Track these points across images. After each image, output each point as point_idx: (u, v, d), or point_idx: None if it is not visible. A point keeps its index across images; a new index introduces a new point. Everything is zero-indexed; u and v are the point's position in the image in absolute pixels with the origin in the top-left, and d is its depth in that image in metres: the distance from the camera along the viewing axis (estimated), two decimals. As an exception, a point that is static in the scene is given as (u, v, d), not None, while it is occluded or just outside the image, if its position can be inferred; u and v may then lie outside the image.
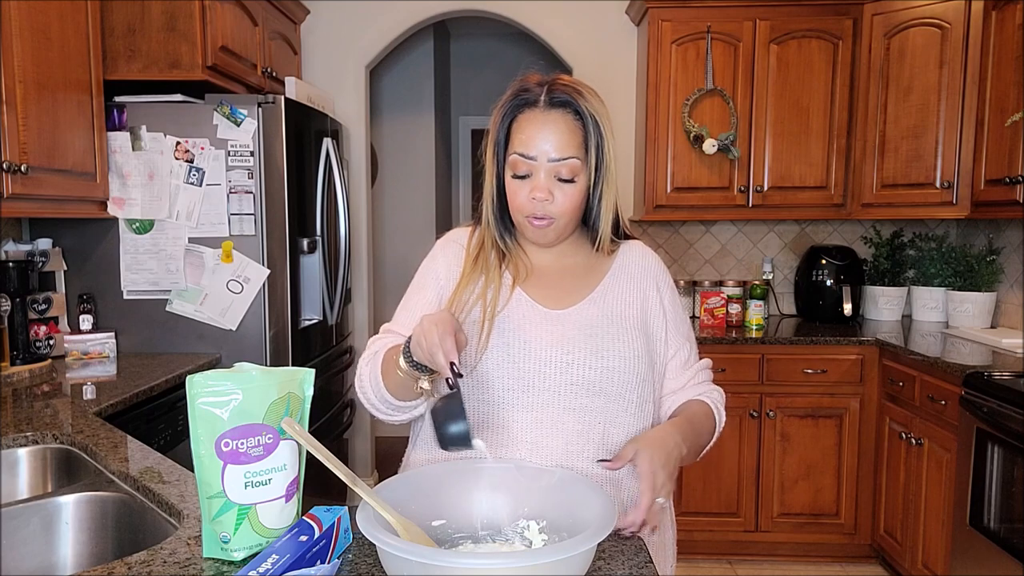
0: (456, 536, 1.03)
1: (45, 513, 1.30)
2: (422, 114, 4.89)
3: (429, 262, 1.30)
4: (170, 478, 1.29)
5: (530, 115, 1.16)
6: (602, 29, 3.61)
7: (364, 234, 3.76)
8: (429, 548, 0.89)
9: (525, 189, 1.16)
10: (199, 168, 2.56)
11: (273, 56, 3.18)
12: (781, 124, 3.25)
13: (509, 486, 1.05)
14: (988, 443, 2.28)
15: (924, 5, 3.04)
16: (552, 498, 1.03)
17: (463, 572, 0.82)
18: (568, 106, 1.15)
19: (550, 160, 1.14)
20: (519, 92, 1.18)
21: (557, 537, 1.00)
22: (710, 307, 3.35)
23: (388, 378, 1.14)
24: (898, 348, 2.86)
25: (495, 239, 1.24)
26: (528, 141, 1.15)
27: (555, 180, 1.15)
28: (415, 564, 0.81)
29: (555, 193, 1.15)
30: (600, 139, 1.16)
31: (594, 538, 0.85)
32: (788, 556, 3.16)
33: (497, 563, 0.85)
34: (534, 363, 1.15)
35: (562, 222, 1.18)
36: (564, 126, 1.14)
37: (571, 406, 1.14)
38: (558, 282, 1.24)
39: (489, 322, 1.17)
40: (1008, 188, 2.65)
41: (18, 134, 1.98)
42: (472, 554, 0.98)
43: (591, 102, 1.16)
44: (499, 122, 1.19)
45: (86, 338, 2.49)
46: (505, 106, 1.19)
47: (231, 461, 0.95)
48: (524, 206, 1.17)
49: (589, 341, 1.17)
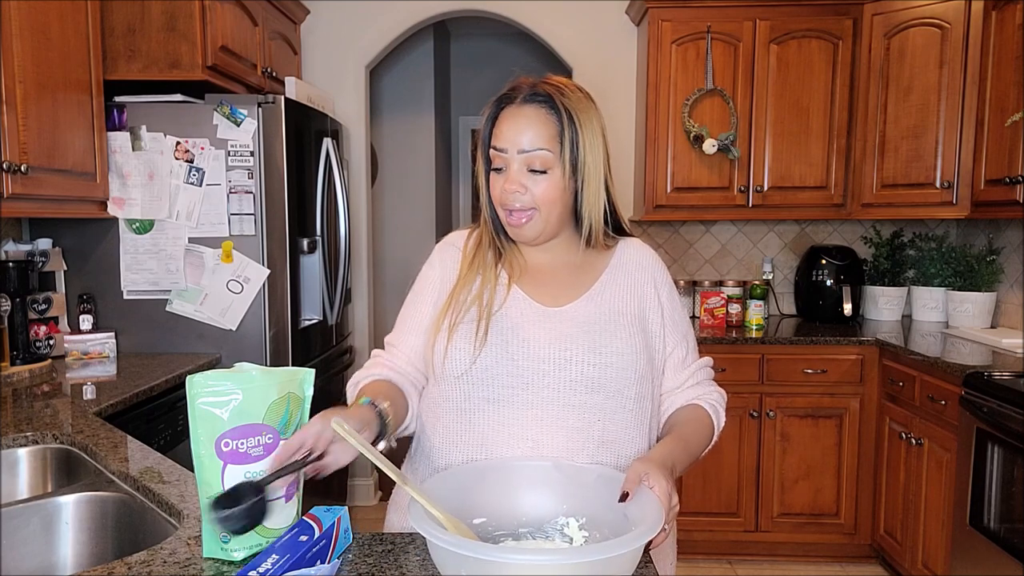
0: (497, 534, 1.04)
1: (45, 513, 1.30)
2: (422, 114, 4.89)
3: (427, 270, 1.31)
4: (170, 478, 1.29)
5: (507, 111, 1.18)
6: (602, 29, 3.60)
7: (364, 234, 3.76)
8: (485, 544, 0.90)
9: (500, 182, 1.18)
10: (199, 168, 2.56)
11: (273, 56, 3.18)
12: (781, 124, 3.25)
13: (547, 484, 1.07)
14: (988, 443, 2.28)
15: (924, 5, 3.04)
16: (591, 495, 1.05)
17: (519, 569, 0.82)
18: (544, 102, 1.17)
19: (520, 151, 1.16)
20: (504, 92, 1.20)
21: (598, 534, 1.02)
22: (710, 307, 3.35)
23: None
24: (898, 348, 2.86)
25: (492, 237, 1.26)
26: (501, 135, 1.17)
27: (527, 172, 1.16)
28: (472, 560, 0.82)
29: (528, 185, 1.16)
30: (575, 133, 1.16)
31: (649, 533, 0.87)
32: (788, 556, 3.16)
33: (558, 559, 0.87)
34: (532, 361, 1.15)
35: (542, 214, 1.18)
36: (536, 119, 1.16)
37: (570, 403, 1.15)
38: (555, 280, 1.25)
39: (486, 320, 1.18)
40: (1008, 188, 2.65)
41: (18, 134, 1.98)
42: (535, 550, 0.98)
43: (570, 98, 1.17)
44: (484, 122, 1.22)
45: (86, 338, 2.49)
46: (490, 106, 1.21)
47: (231, 461, 0.95)
48: (500, 198, 1.19)
49: (587, 338, 1.17)
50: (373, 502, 3.87)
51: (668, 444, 1.15)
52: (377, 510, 3.79)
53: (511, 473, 1.09)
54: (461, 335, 1.18)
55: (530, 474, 1.08)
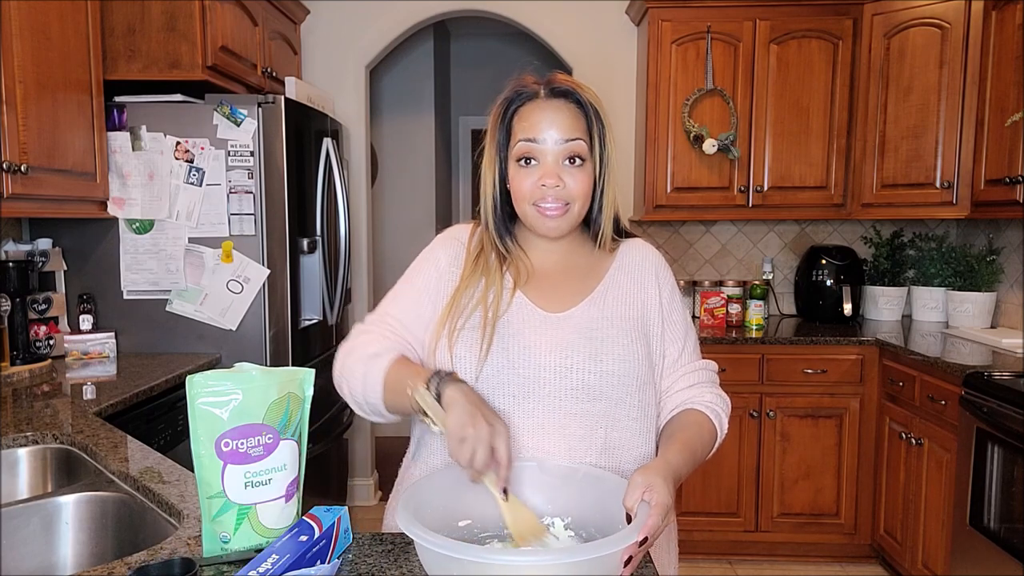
0: (483, 536, 1.03)
1: (45, 513, 1.30)
2: (422, 114, 4.89)
3: (428, 254, 1.27)
4: (170, 478, 1.29)
5: (532, 105, 1.16)
6: (602, 29, 3.61)
7: (364, 234, 3.76)
8: (469, 544, 0.89)
9: (533, 176, 1.15)
10: (199, 168, 2.56)
11: (273, 56, 3.18)
12: (781, 124, 3.25)
13: (532, 484, 1.07)
14: (988, 443, 2.28)
15: (924, 5, 3.04)
16: (576, 495, 1.04)
17: (502, 570, 0.82)
18: (569, 96, 1.16)
19: (556, 142, 1.13)
20: (518, 89, 1.18)
21: (584, 533, 1.01)
22: (710, 307, 3.35)
23: (389, 394, 1.13)
24: (898, 348, 2.86)
25: (495, 241, 1.23)
26: (533, 127, 1.14)
27: (563, 164, 1.14)
28: (456, 562, 0.82)
29: (564, 178, 1.14)
30: (602, 128, 1.16)
31: (628, 538, 0.86)
32: (788, 556, 3.16)
33: (540, 560, 0.87)
34: (534, 368, 1.14)
35: (575, 208, 1.16)
36: (568, 112, 1.14)
37: (572, 411, 1.13)
38: (558, 283, 1.23)
39: (491, 327, 1.16)
40: (1008, 188, 2.65)
41: (18, 134, 1.98)
42: (518, 550, 0.97)
43: (590, 95, 1.17)
44: (498, 121, 1.18)
45: (86, 338, 2.49)
46: (503, 104, 1.18)
47: (231, 461, 0.95)
48: (531, 193, 1.15)
49: (589, 345, 1.15)
50: (373, 502, 3.87)
51: (674, 452, 1.11)
52: (377, 510, 3.79)
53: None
54: (463, 343, 1.15)
55: (515, 475, 1.06)
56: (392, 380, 1.13)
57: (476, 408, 1.00)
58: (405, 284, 1.26)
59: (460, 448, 0.97)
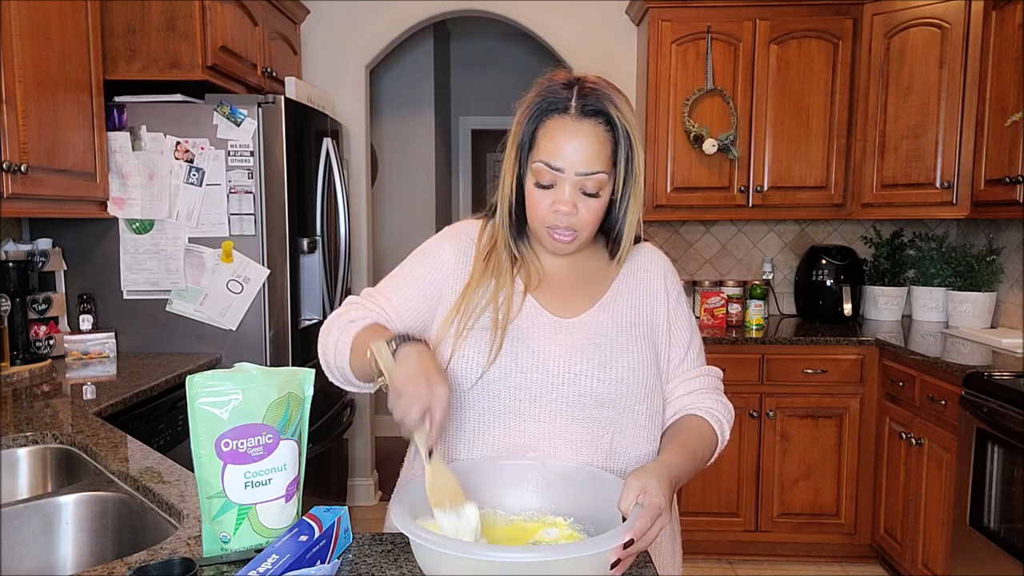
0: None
1: (45, 513, 1.30)
2: (422, 114, 4.89)
3: (433, 246, 1.25)
4: (170, 478, 1.29)
5: (560, 122, 1.11)
6: (602, 29, 3.61)
7: (364, 234, 3.76)
8: (463, 542, 0.90)
9: (548, 199, 1.12)
10: (199, 168, 2.56)
11: (273, 56, 3.18)
12: (781, 124, 3.25)
13: (535, 482, 1.07)
14: (988, 443, 2.28)
15: (924, 5, 3.04)
16: (578, 494, 1.04)
17: (499, 568, 0.82)
18: (600, 115, 1.10)
19: (577, 174, 1.10)
20: (548, 95, 1.13)
21: (585, 532, 1.01)
22: (710, 307, 3.35)
23: (355, 356, 1.15)
24: (898, 348, 2.86)
25: (508, 242, 1.21)
26: (556, 151, 1.10)
27: (579, 193, 1.12)
28: (451, 559, 0.82)
29: (579, 206, 1.12)
30: (630, 150, 1.12)
31: (620, 535, 0.86)
32: (788, 556, 3.16)
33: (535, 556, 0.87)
34: (541, 373, 1.13)
35: (583, 235, 1.15)
36: (595, 138, 1.10)
37: (579, 417, 1.13)
38: (568, 289, 1.22)
39: (502, 331, 1.15)
40: (1008, 188, 2.65)
41: (18, 134, 1.98)
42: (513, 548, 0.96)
43: (623, 111, 1.12)
44: (524, 123, 1.14)
45: (86, 338, 2.49)
46: (532, 107, 1.14)
47: (231, 461, 0.95)
48: (546, 217, 1.13)
49: (597, 351, 1.15)
50: (373, 502, 3.87)
51: (672, 454, 1.10)
52: (377, 510, 3.79)
53: (497, 473, 1.08)
54: (471, 344, 1.15)
55: (517, 473, 1.07)
56: (359, 343, 1.14)
57: (424, 368, 0.99)
58: (403, 269, 1.27)
59: (397, 402, 0.98)
